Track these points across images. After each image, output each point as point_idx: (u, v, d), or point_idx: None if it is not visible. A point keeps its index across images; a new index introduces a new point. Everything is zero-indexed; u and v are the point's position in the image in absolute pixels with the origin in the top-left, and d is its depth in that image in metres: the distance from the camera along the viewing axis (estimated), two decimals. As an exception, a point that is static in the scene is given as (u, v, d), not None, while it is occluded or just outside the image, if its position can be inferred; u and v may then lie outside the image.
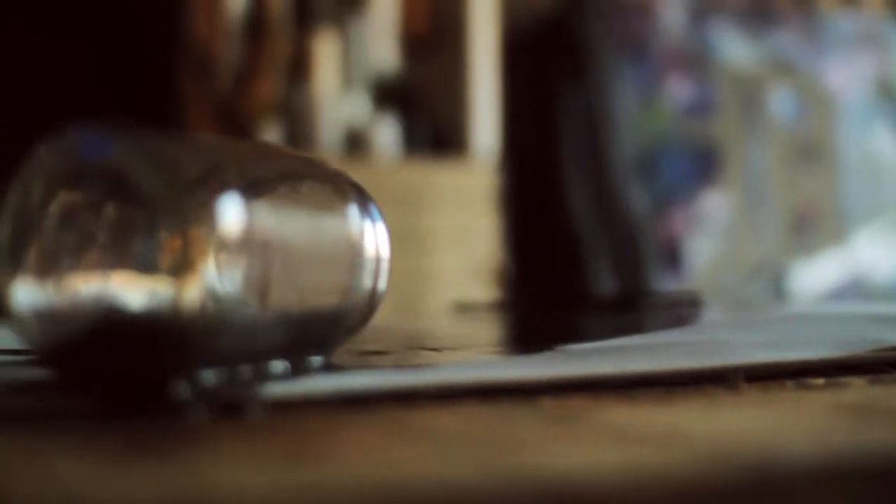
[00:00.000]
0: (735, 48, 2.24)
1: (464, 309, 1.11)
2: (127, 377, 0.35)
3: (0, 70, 1.91)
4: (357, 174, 0.46)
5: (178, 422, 0.33)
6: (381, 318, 0.48)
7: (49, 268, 0.36)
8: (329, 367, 0.43)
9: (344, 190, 0.43)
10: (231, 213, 0.36)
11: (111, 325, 0.35)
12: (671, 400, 0.37)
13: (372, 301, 0.44)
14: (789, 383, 0.41)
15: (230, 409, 0.34)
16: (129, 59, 1.97)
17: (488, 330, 0.74)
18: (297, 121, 1.96)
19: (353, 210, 0.43)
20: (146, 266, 0.35)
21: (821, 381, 0.41)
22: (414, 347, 0.56)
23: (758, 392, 0.39)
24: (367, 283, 0.43)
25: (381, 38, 2.05)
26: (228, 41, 1.96)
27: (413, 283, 1.87)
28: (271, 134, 1.93)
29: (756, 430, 0.32)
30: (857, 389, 0.40)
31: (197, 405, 0.34)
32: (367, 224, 0.43)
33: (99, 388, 0.35)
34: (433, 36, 2.08)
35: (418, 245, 1.90)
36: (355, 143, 1.99)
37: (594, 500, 0.23)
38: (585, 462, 0.27)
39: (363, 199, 0.44)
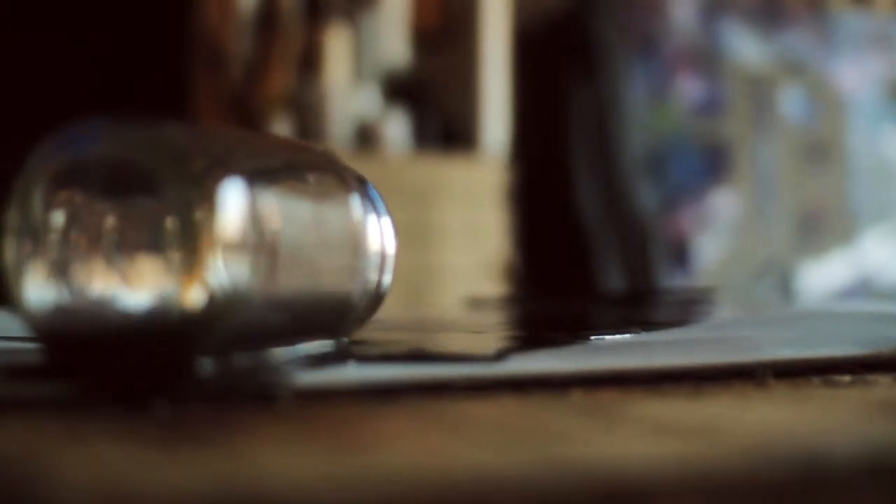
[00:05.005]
0: (745, 47, 2.24)
1: (475, 304, 1.11)
2: (136, 369, 0.35)
3: (10, 64, 1.91)
4: (367, 168, 0.46)
5: (209, 409, 0.33)
6: (390, 312, 0.48)
7: (57, 263, 0.36)
8: (346, 356, 0.43)
9: (350, 182, 0.43)
10: (237, 201, 0.36)
11: (119, 317, 0.35)
12: (701, 395, 0.37)
13: (377, 293, 0.44)
14: (816, 380, 0.41)
15: (259, 396, 0.34)
16: (141, 53, 1.97)
17: (508, 322, 0.74)
18: (308, 114, 1.96)
19: (358, 203, 0.43)
20: (153, 256, 0.35)
21: (847, 378, 0.42)
22: (437, 339, 0.57)
23: (786, 388, 0.39)
24: (372, 275, 0.44)
25: (392, 33, 2.05)
26: (239, 34, 1.96)
27: (422, 277, 1.87)
28: (282, 127, 1.93)
29: (792, 425, 0.32)
30: (884, 387, 0.40)
31: (225, 392, 0.34)
32: (373, 217, 0.44)
33: (111, 378, 0.35)
34: (444, 30, 2.08)
35: (427, 240, 1.90)
36: (365, 137, 1.99)
37: (641, 493, 0.24)
38: (627, 454, 0.27)
39: (369, 192, 0.44)
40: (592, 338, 0.48)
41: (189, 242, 0.35)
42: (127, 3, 2.00)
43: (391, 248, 0.44)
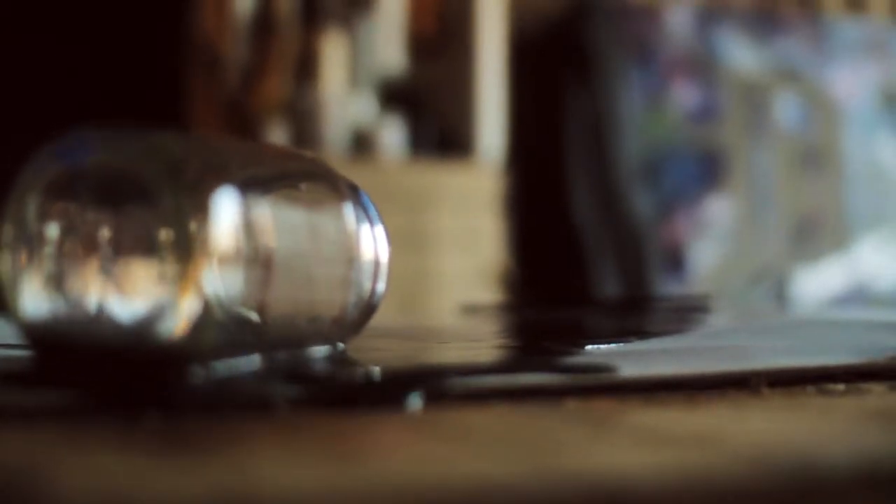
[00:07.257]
0: (741, 54, 2.25)
1: (471, 311, 1.11)
2: (131, 378, 0.36)
3: (8, 69, 1.91)
4: (363, 175, 0.47)
5: (204, 418, 0.33)
6: (386, 318, 0.48)
7: (52, 274, 0.36)
8: (341, 365, 0.43)
9: (343, 191, 0.44)
10: (231, 210, 0.36)
11: (114, 327, 0.35)
12: (697, 404, 0.37)
13: (371, 301, 0.44)
14: (810, 389, 0.41)
15: (254, 405, 0.34)
16: (137, 59, 1.97)
17: (504, 331, 0.75)
18: (304, 120, 1.96)
19: (351, 211, 0.43)
20: (147, 265, 0.35)
21: (841, 386, 0.42)
22: (432, 348, 0.57)
23: (780, 397, 0.39)
24: (365, 283, 0.44)
25: (388, 39, 2.06)
26: (236, 40, 1.96)
27: (417, 283, 1.87)
28: (278, 133, 1.93)
29: (786, 434, 0.32)
30: (878, 396, 0.40)
31: (220, 402, 0.34)
32: (366, 225, 0.44)
33: (106, 388, 0.35)
34: (440, 37, 2.09)
35: (423, 246, 1.90)
36: (361, 143, 1.99)
37: (637, 501, 0.24)
38: (623, 463, 0.27)
39: (362, 200, 0.44)
40: (588, 347, 0.48)
41: (183, 252, 0.35)
42: (123, 9, 2.00)
43: (384, 255, 0.45)
